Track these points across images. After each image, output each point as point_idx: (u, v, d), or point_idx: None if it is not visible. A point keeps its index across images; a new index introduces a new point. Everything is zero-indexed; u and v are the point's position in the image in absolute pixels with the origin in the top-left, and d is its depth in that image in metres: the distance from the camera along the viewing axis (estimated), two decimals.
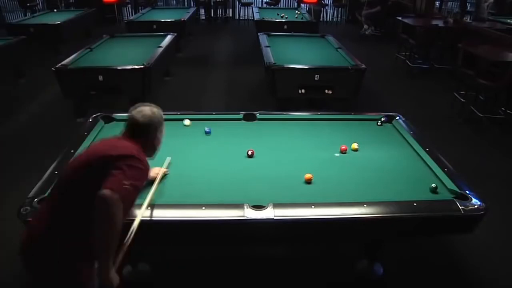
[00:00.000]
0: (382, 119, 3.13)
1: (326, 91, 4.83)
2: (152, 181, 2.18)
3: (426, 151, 2.66)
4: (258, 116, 3.23)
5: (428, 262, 2.90)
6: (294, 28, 7.61)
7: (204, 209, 2.02)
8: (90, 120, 3.07)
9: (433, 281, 2.75)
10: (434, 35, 6.90)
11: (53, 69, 4.66)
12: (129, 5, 12.08)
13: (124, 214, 1.65)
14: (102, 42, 6.04)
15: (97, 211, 1.58)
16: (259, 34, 6.57)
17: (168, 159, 2.46)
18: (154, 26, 7.52)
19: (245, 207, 2.02)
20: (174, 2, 13.44)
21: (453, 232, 2.57)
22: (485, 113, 5.07)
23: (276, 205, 2.05)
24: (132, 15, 10.84)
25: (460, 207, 2.09)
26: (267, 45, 5.69)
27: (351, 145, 2.75)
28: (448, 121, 5.25)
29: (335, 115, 3.35)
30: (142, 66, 4.69)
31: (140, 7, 11.46)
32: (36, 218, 1.84)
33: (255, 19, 8.32)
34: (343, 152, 2.71)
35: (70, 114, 5.01)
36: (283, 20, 8.04)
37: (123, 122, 3.10)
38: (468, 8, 9.53)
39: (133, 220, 1.85)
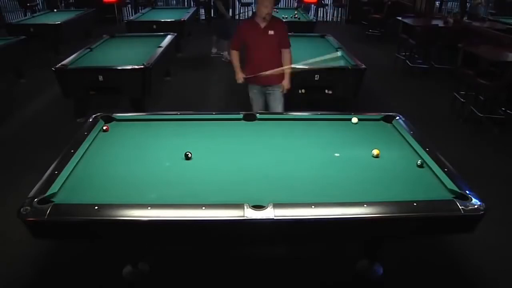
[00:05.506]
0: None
1: (326, 91, 4.84)
2: None
3: (426, 151, 2.66)
4: (258, 116, 3.23)
5: (428, 262, 2.90)
6: (294, 28, 7.60)
7: (204, 209, 2.02)
8: (90, 120, 3.07)
9: (433, 281, 2.75)
10: (434, 35, 6.90)
11: (53, 69, 4.66)
12: (129, 5, 12.10)
13: None
14: (102, 42, 6.04)
15: None
16: None
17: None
18: (154, 26, 7.52)
19: (245, 207, 2.02)
20: (174, 2, 13.45)
21: (453, 232, 2.57)
22: (485, 113, 5.07)
23: (276, 205, 2.04)
24: (132, 15, 10.85)
25: (460, 207, 2.09)
26: None
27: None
28: (448, 121, 5.26)
29: (335, 115, 3.35)
30: (142, 66, 4.69)
31: (140, 7, 11.48)
32: None
33: None
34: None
35: (70, 114, 5.01)
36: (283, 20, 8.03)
37: (123, 122, 3.14)
38: (468, 8, 9.53)
39: None
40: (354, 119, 3.17)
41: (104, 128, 2.98)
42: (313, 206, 2.05)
